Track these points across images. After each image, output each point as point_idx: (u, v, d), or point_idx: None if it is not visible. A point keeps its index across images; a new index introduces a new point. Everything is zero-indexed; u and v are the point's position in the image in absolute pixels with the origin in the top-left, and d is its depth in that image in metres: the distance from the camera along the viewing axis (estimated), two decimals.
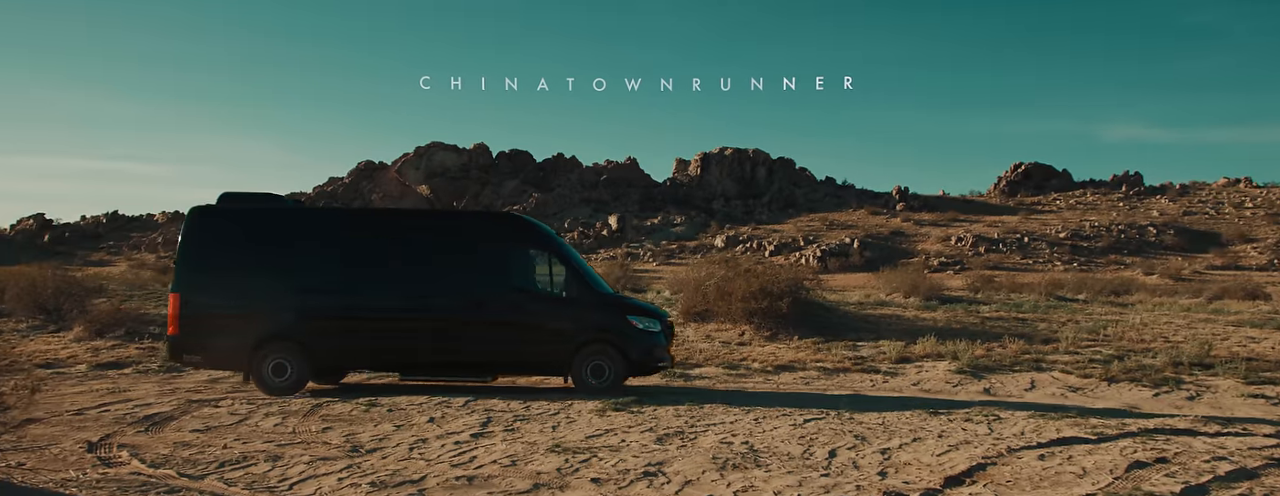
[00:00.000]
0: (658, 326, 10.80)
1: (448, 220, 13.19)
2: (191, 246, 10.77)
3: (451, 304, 10.61)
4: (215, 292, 10.50)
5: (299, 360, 10.37)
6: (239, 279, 10.58)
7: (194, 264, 10.65)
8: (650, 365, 10.73)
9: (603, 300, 10.94)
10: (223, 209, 11.16)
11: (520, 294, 10.72)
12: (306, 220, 12.13)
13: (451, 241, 11.09)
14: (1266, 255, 43.30)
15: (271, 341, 10.40)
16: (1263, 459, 6.37)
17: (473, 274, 10.70)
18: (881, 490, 5.64)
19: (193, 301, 10.42)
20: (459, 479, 6.05)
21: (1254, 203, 55.43)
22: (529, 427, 7.89)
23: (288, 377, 10.34)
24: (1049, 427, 7.60)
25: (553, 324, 10.67)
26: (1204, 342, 14.32)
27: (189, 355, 10.59)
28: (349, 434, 7.58)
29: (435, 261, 10.79)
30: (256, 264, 10.69)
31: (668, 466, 6.36)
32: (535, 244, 11.03)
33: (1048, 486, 5.68)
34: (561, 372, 10.69)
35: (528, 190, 61.15)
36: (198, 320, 10.40)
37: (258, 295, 10.56)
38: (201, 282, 10.53)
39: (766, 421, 8.09)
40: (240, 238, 10.87)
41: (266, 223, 11.10)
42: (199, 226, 10.94)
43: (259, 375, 10.34)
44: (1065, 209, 57.89)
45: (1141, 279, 35.58)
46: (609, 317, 10.72)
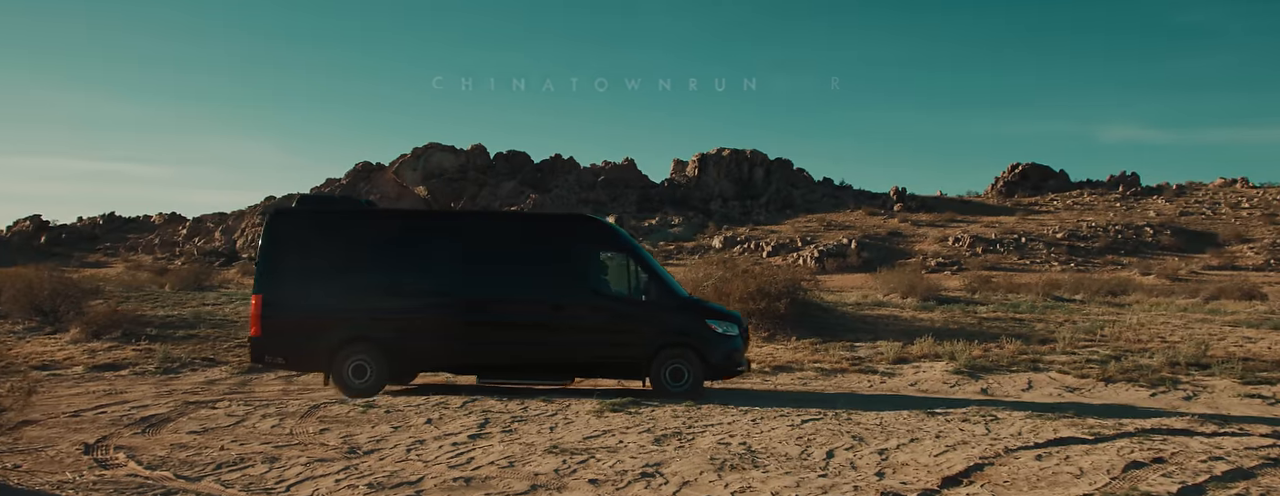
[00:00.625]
0: (736, 330, 10.80)
1: (526, 222, 13.11)
2: (271, 249, 10.85)
3: (531, 306, 10.67)
4: (295, 295, 10.61)
5: (379, 361, 10.47)
6: (318, 281, 10.67)
7: (274, 266, 10.73)
8: (730, 369, 10.71)
9: (681, 304, 10.91)
10: (300, 211, 11.32)
11: (599, 297, 10.73)
12: (383, 222, 12.14)
13: (530, 244, 11.07)
14: (1263, 255, 43.36)
15: (352, 343, 10.49)
16: (1259, 458, 6.38)
17: (552, 277, 10.73)
18: (879, 490, 5.64)
19: (274, 303, 10.54)
20: (456, 480, 6.05)
21: (1250, 203, 55.52)
22: (526, 428, 7.88)
23: (367, 379, 10.45)
24: (1046, 428, 7.60)
25: (631, 327, 10.66)
26: (1201, 343, 14.35)
27: (271, 356, 10.69)
28: (346, 435, 7.57)
29: (514, 264, 10.82)
30: (335, 266, 10.76)
31: (665, 467, 6.36)
32: (613, 246, 11.04)
33: (1045, 486, 5.68)
34: (639, 376, 10.68)
35: (525, 191, 61.07)
36: (279, 322, 10.51)
37: (337, 297, 10.64)
38: (282, 285, 10.63)
39: (764, 422, 8.09)
40: (318, 240, 10.94)
41: (343, 225, 11.17)
42: (277, 229, 11.06)
43: (340, 376, 10.44)
44: (1062, 209, 57.92)
45: (1138, 279, 35.61)
46: (688, 321, 10.71)
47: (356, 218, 11.45)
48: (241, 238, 61.17)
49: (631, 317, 10.72)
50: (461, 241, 11.03)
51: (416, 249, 10.93)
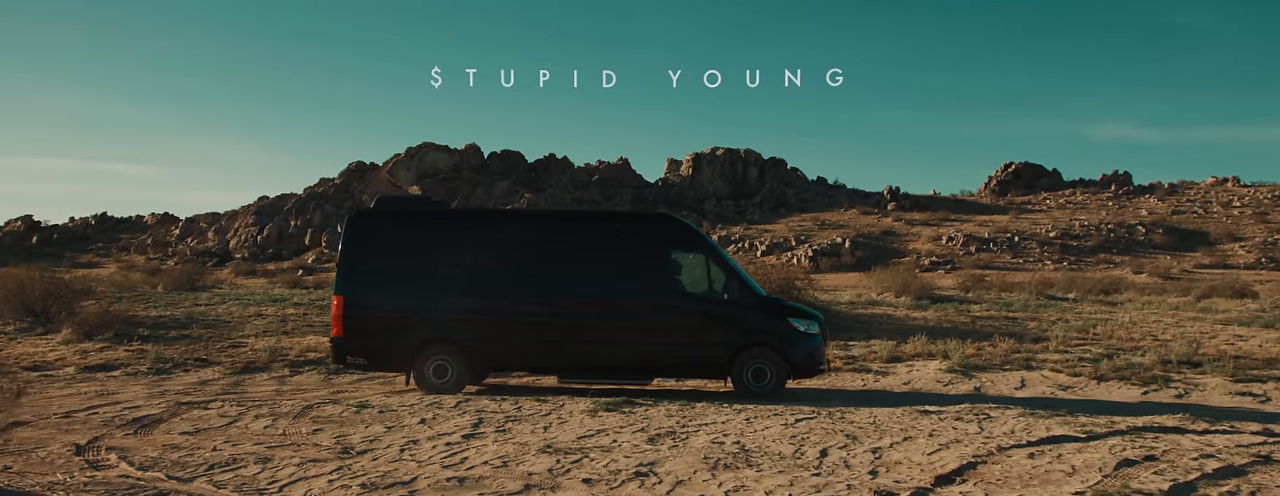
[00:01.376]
0: (816, 328, 10.77)
1: (605, 221, 13.21)
2: (351, 250, 10.88)
3: (613, 306, 10.66)
4: (376, 295, 10.68)
5: (459, 361, 10.54)
6: (399, 281, 10.73)
7: (354, 267, 10.77)
8: (812, 368, 10.68)
9: (762, 303, 10.87)
10: (379, 212, 11.32)
11: (680, 297, 10.71)
12: (463, 222, 12.17)
13: (610, 243, 11.05)
14: (1254, 254, 43.56)
15: (433, 343, 10.55)
16: (1250, 456, 6.41)
17: (633, 276, 10.72)
18: (872, 489, 5.65)
19: (355, 304, 10.60)
20: (450, 480, 6.03)
21: (1242, 201, 55.78)
22: (520, 428, 7.87)
23: (448, 379, 10.52)
24: (1039, 426, 7.62)
25: (713, 327, 10.62)
26: (1192, 341, 14.42)
27: (352, 357, 10.71)
28: (340, 435, 7.55)
29: (595, 263, 10.82)
30: (414, 266, 10.78)
31: (659, 466, 6.36)
32: (692, 246, 11.02)
33: (1037, 484, 5.70)
34: (721, 376, 10.68)
35: (519, 190, 61.01)
36: (360, 322, 10.57)
37: (418, 297, 10.68)
38: (363, 285, 10.68)
39: (758, 421, 8.10)
40: (398, 240, 10.96)
41: (421, 225, 11.19)
42: (357, 230, 11.07)
43: (421, 376, 10.52)
44: (1055, 208, 58.11)
45: (1131, 278, 35.74)
46: (770, 321, 10.68)
47: (434, 218, 11.52)
48: (234, 238, 61.01)
49: (713, 317, 10.68)
50: (541, 241, 11.03)
51: (496, 248, 10.94)
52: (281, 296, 23.04)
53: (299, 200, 63.35)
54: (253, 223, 61.64)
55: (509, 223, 12.32)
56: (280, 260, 54.78)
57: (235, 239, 60.76)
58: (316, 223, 60.15)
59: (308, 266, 49.34)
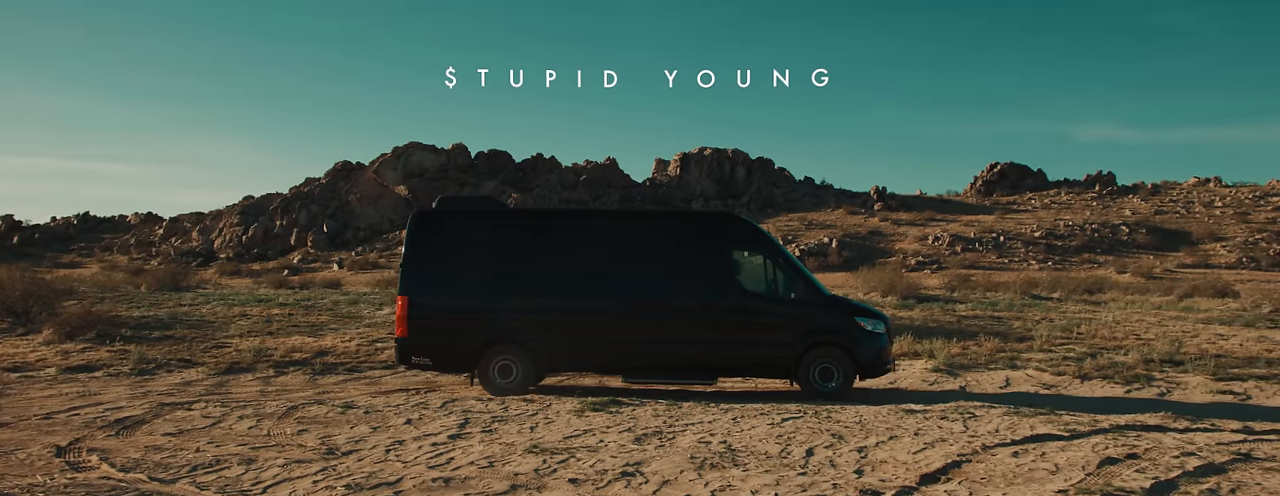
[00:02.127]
0: (883, 328, 10.74)
1: (670, 221, 13.03)
2: (415, 250, 10.85)
3: (678, 306, 10.62)
4: (441, 295, 10.66)
5: (525, 361, 10.52)
6: (463, 281, 10.70)
7: (418, 267, 10.74)
8: (880, 368, 10.66)
9: (829, 302, 10.84)
10: (442, 212, 11.29)
11: (747, 296, 10.67)
12: (525, 221, 12.11)
13: (675, 242, 11.01)
14: (1235, 253, 44.00)
15: (498, 343, 10.53)
16: (1230, 454, 6.47)
17: (699, 276, 10.68)
18: (858, 488, 5.67)
19: (420, 304, 10.57)
20: (436, 480, 6.01)
21: (1223, 202, 56.34)
22: (507, 428, 7.85)
23: (513, 379, 10.51)
24: (1023, 425, 7.67)
25: (780, 326, 10.59)
26: (1174, 340, 14.55)
27: (417, 357, 10.68)
28: (325, 436, 7.51)
29: (660, 263, 10.77)
30: (479, 266, 10.75)
31: (646, 466, 6.35)
32: (758, 245, 10.97)
33: (1021, 483, 5.73)
34: (786, 375, 10.65)
35: (507, 190, 60.88)
36: (425, 323, 10.55)
37: (482, 297, 10.66)
38: (427, 286, 10.66)
39: (744, 420, 8.11)
40: (461, 240, 10.94)
41: (485, 224, 11.15)
42: (420, 230, 11.02)
43: (486, 376, 10.50)
44: (1040, 208, 58.52)
45: (1114, 277, 36.03)
46: (837, 320, 10.65)
47: (498, 217, 11.50)
48: (219, 237, 60.60)
49: (779, 317, 10.65)
50: (606, 240, 10.98)
51: (560, 248, 10.89)
52: (267, 296, 22.91)
53: (285, 200, 62.99)
54: (238, 222, 61.26)
55: (572, 222, 12.20)
56: (266, 260, 54.46)
57: (220, 239, 60.36)
58: (302, 222, 59.84)
59: (293, 266, 49.08)
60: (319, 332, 16.09)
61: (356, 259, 50.80)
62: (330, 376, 12.28)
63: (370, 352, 14.08)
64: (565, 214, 14.64)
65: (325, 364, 13.16)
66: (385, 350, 14.19)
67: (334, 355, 13.87)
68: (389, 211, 60.97)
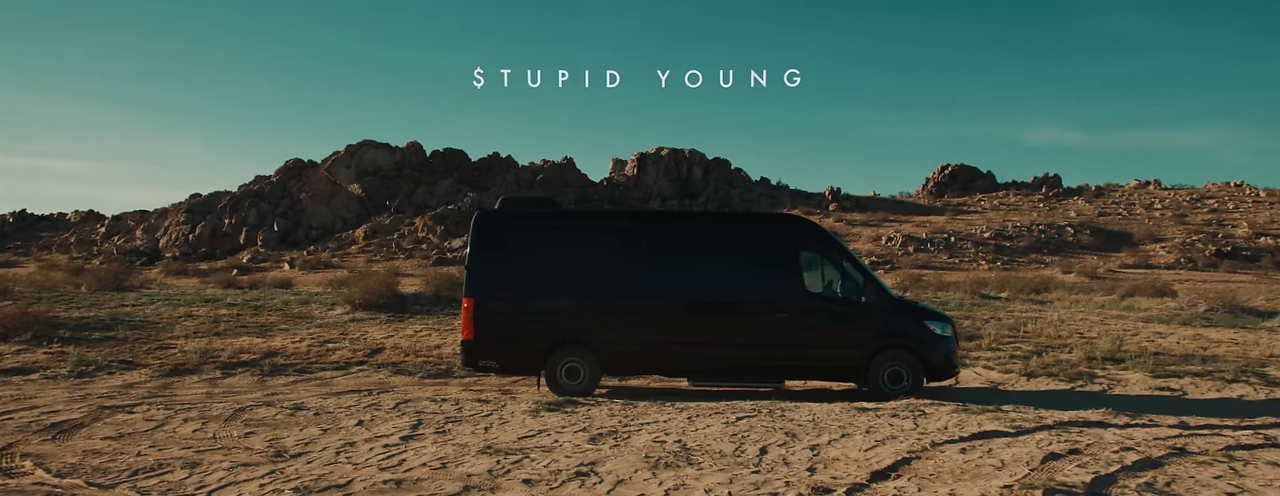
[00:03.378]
0: (950, 331, 10.72)
1: (736, 223, 12.86)
2: (479, 251, 10.71)
3: (746, 308, 10.56)
4: (506, 297, 10.57)
5: (592, 363, 10.46)
6: (528, 283, 10.60)
7: (483, 269, 10.60)
8: (949, 371, 10.62)
9: (897, 305, 10.81)
10: (505, 213, 11.16)
11: (816, 298, 10.61)
12: (590, 222, 12.01)
13: (742, 244, 10.91)
14: (1174, 254, 45.47)
15: (564, 345, 10.46)
16: (1166, 448, 6.68)
17: (767, 278, 10.61)
18: (810, 486, 5.73)
19: (486, 307, 10.46)
20: (387, 482, 5.92)
21: (1162, 204, 58.18)
22: (461, 429, 7.78)
23: (581, 381, 10.44)
24: (971, 422, 7.82)
25: (849, 329, 10.54)
26: (1116, 338, 14.98)
27: (484, 360, 10.55)
28: (273, 438, 7.36)
29: (728, 265, 10.69)
30: (543, 267, 10.64)
31: (600, 466, 6.34)
32: (825, 247, 10.88)
33: (968, 479, 5.85)
34: (855, 378, 10.59)
35: (462, 189, 60.31)
36: (491, 325, 10.44)
37: (549, 299, 10.57)
38: (492, 288, 10.55)
39: (699, 419, 8.14)
40: (525, 241, 10.82)
41: (549, 225, 11.04)
42: (484, 231, 10.86)
43: (552, 378, 10.44)
44: (989, 209, 59.81)
45: (1060, 277, 36.97)
46: (906, 323, 10.60)
47: (562, 218, 11.48)
48: (165, 236, 59.04)
49: (848, 319, 10.61)
50: (671, 242, 10.87)
51: (626, 250, 10.80)
52: (214, 297, 22.36)
53: (234, 198, 61.59)
54: (185, 221, 59.73)
55: (637, 224, 12.03)
56: (213, 259, 53.18)
57: (165, 238, 58.80)
58: (252, 221, 58.57)
59: (242, 266, 47.99)
60: (268, 333, 15.75)
61: (308, 258, 49.86)
62: (280, 377, 12.03)
63: (321, 353, 13.83)
64: (629, 215, 14.60)
65: (275, 365, 12.89)
66: (337, 351, 13.96)
67: (284, 356, 13.59)
68: (342, 210, 59.99)
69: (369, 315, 18.24)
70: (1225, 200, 58.35)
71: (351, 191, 61.40)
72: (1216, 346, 14.68)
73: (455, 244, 50.69)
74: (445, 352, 13.92)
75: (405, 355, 13.76)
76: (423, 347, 14.35)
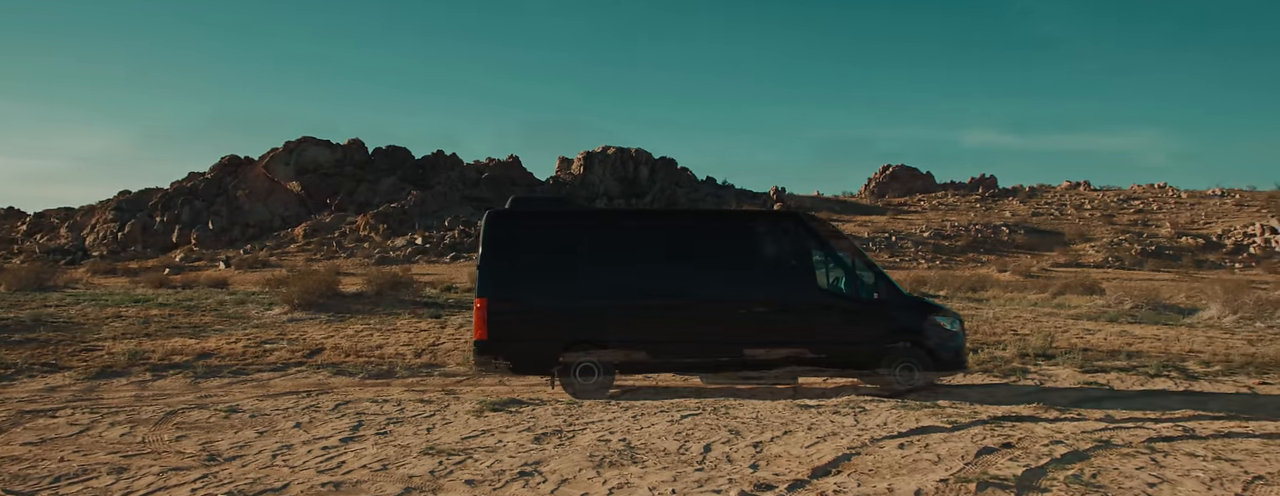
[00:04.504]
0: (959, 325, 10.78)
1: (747, 221, 12.73)
2: (491, 251, 10.51)
3: (758, 306, 10.48)
4: (519, 297, 10.39)
5: (607, 363, 10.33)
6: (541, 283, 10.45)
7: (496, 269, 10.41)
8: (959, 365, 10.75)
9: (907, 301, 10.85)
10: (517, 212, 10.98)
11: (827, 295, 10.63)
12: (600, 221, 11.77)
13: (754, 243, 10.84)
14: (1102, 253, 47.16)
15: (578, 345, 10.33)
16: (1093, 441, 6.94)
17: (779, 276, 10.57)
18: (753, 482, 5.79)
19: (499, 307, 10.27)
20: (325, 485, 5.81)
21: (1092, 204, 60.28)
22: (402, 430, 7.67)
23: (594, 380, 10.30)
24: (909, 418, 8.00)
25: (860, 326, 10.58)
26: (1047, 335, 15.48)
27: (497, 361, 10.33)
28: (206, 442, 7.14)
29: (739, 263, 10.62)
30: (556, 267, 10.52)
31: (544, 465, 6.31)
32: (836, 245, 10.88)
33: (906, 473, 5.98)
34: (866, 372, 10.65)
35: (406, 187, 59.40)
36: (504, 325, 10.25)
37: (562, 299, 10.42)
38: (505, 287, 10.37)
39: (644, 418, 8.16)
40: (537, 241, 10.65)
41: (560, 224, 10.91)
42: (496, 231, 10.65)
43: (567, 378, 10.30)
44: (929, 209, 61.23)
45: (996, 276, 38.04)
46: (916, 319, 10.67)
47: (571, 217, 11.29)
48: (91, 234, 56.84)
49: (859, 316, 10.67)
50: (684, 241, 10.83)
51: (638, 249, 10.72)
52: (144, 296, 21.61)
53: (166, 195, 59.60)
54: (113, 218, 57.60)
55: (650, 222, 11.93)
56: (144, 258, 51.38)
57: (93, 236, 56.62)
58: (185, 219, 56.77)
59: (175, 265, 46.49)
60: (202, 334, 15.29)
61: (245, 257, 48.50)
62: (214, 379, 11.68)
63: (258, 354, 13.47)
64: (640, 214, 14.50)
65: (209, 366, 12.51)
66: (274, 351, 13.62)
67: (218, 357, 13.20)
68: (280, 208, 58.52)
69: (308, 315, 17.84)
70: (1150, 201, 60.74)
71: (290, 189, 59.95)
72: (1141, 342, 15.27)
73: (398, 243, 49.89)
74: (387, 353, 13.70)
75: (346, 355, 13.49)
76: (364, 348, 14.09)
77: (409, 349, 14.00)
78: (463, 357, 13.10)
